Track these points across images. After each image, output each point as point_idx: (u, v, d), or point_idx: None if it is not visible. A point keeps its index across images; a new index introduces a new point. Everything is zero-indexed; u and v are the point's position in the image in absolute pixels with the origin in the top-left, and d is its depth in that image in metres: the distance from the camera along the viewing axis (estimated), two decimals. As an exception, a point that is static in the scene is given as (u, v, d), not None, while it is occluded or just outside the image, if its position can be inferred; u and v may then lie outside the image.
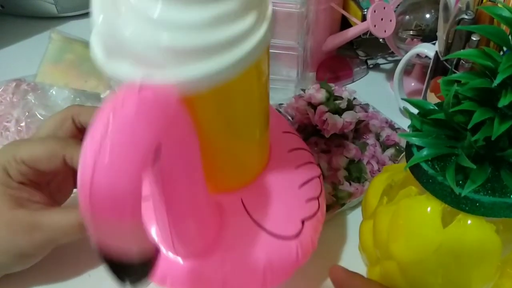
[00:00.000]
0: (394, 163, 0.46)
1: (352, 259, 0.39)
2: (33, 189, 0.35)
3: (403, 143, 0.48)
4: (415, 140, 0.28)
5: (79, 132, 0.38)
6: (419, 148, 0.27)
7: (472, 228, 0.26)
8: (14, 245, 0.33)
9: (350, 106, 0.47)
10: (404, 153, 0.31)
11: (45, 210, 0.34)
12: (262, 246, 0.30)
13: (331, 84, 0.48)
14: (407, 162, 0.28)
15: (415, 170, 0.28)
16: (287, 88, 0.59)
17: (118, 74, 0.22)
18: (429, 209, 0.27)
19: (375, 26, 0.53)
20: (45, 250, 0.35)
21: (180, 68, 0.22)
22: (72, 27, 0.71)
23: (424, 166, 0.27)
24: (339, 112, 0.45)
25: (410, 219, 0.29)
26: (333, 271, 0.35)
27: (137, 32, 0.21)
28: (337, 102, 0.45)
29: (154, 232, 0.29)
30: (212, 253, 0.29)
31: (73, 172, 0.36)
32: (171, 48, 0.21)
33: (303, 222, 0.32)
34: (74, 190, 0.41)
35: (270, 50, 0.59)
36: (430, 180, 0.27)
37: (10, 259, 0.34)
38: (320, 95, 0.46)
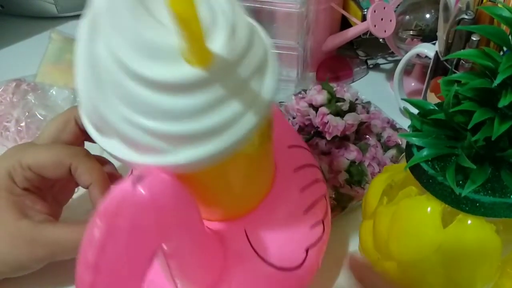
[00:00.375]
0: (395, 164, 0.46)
1: (352, 259, 0.39)
2: (36, 197, 0.35)
3: (404, 144, 0.47)
4: (415, 140, 0.28)
5: (82, 134, 0.37)
6: (419, 148, 0.27)
7: (472, 228, 0.26)
8: (14, 258, 0.33)
9: (352, 108, 0.46)
10: (404, 153, 0.31)
11: (48, 223, 0.34)
12: (264, 280, 0.30)
13: (333, 85, 0.47)
14: (407, 162, 0.28)
15: (415, 170, 0.28)
16: (287, 88, 0.59)
17: (110, 151, 0.22)
18: (429, 209, 0.27)
19: (375, 26, 0.53)
20: (43, 263, 0.35)
21: (171, 152, 0.21)
22: (72, 27, 0.71)
23: (424, 166, 0.27)
24: (341, 114, 0.45)
25: (410, 219, 0.29)
26: (352, 259, 0.35)
27: (122, 119, 0.20)
28: (339, 104, 0.45)
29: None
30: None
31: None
32: (158, 134, 0.20)
33: (307, 251, 0.31)
34: (76, 189, 0.41)
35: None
36: (430, 180, 0.27)
37: (7, 270, 0.34)
38: (321, 96, 0.45)
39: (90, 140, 0.35)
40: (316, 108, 0.46)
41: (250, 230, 0.30)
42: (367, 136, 0.48)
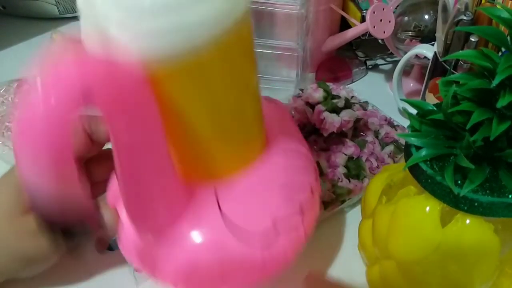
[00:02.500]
0: (393, 160, 0.47)
1: (352, 259, 0.39)
2: None
3: (402, 140, 0.48)
4: (414, 141, 0.28)
5: (92, 143, 0.37)
6: (418, 148, 0.28)
7: (470, 228, 0.26)
8: (20, 251, 0.33)
9: (348, 104, 0.47)
10: (403, 152, 0.31)
11: None
12: (222, 236, 0.29)
13: (329, 84, 0.48)
14: (406, 162, 0.28)
15: (414, 170, 0.28)
16: (287, 88, 0.59)
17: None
18: (428, 208, 0.28)
19: (374, 27, 0.53)
20: (52, 255, 0.35)
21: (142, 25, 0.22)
22: (73, 28, 0.71)
23: (423, 166, 0.27)
24: (337, 111, 0.46)
25: (409, 219, 0.29)
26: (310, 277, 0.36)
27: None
28: (335, 101, 0.46)
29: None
30: (169, 232, 0.29)
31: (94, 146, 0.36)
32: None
33: (274, 222, 0.30)
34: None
35: (270, 51, 0.60)
36: (429, 180, 0.27)
37: (16, 265, 0.34)
38: (317, 94, 0.46)
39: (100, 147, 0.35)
40: (312, 106, 0.46)
41: (220, 189, 0.30)
42: (365, 133, 0.49)
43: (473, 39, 0.42)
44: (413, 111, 0.30)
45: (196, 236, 0.29)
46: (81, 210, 0.24)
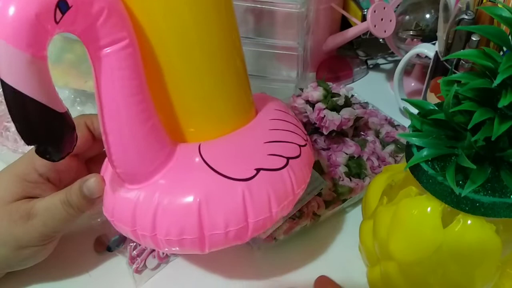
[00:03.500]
0: (395, 159, 0.46)
1: (352, 259, 0.39)
2: (51, 188, 0.36)
3: (403, 140, 0.48)
4: (415, 141, 0.28)
5: (93, 139, 0.37)
6: (419, 148, 0.28)
7: (472, 228, 0.26)
8: (12, 235, 0.33)
9: (348, 103, 0.47)
10: (404, 152, 0.30)
11: (42, 198, 0.35)
12: (203, 182, 0.29)
13: (329, 83, 0.48)
14: (407, 162, 0.28)
15: (415, 170, 0.28)
16: (287, 88, 0.59)
17: None
18: (429, 209, 0.27)
19: (375, 26, 0.53)
20: (43, 240, 0.35)
21: None
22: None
23: (424, 166, 0.27)
24: (337, 109, 0.46)
25: (410, 219, 0.29)
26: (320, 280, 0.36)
27: None
28: (335, 99, 0.46)
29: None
30: (150, 179, 0.29)
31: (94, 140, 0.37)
32: None
33: (257, 171, 0.29)
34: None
35: (270, 50, 0.59)
36: (430, 180, 0.27)
37: (10, 252, 0.34)
38: (317, 93, 0.46)
39: (101, 146, 0.35)
40: (312, 105, 0.46)
41: (204, 145, 0.31)
42: (365, 132, 0.49)
43: (474, 39, 0.41)
44: (414, 110, 0.29)
45: (174, 180, 0.29)
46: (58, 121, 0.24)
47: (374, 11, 0.53)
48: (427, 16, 0.56)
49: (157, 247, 0.30)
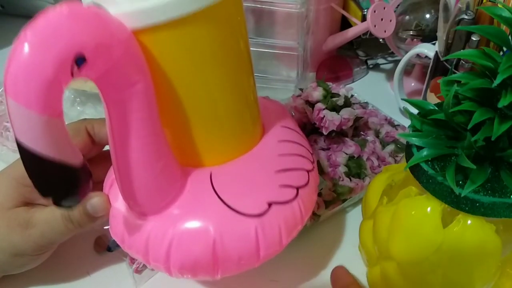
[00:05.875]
0: (395, 159, 0.46)
1: (352, 259, 0.39)
2: None
3: (403, 140, 0.48)
4: (415, 141, 0.28)
5: (92, 144, 0.37)
6: (419, 148, 0.28)
7: (472, 228, 0.26)
8: (9, 242, 0.33)
9: (348, 103, 0.47)
10: (404, 151, 0.30)
11: (42, 207, 0.35)
12: (216, 217, 0.29)
13: (329, 83, 0.48)
14: (407, 162, 0.28)
15: (415, 170, 0.28)
16: (287, 88, 0.59)
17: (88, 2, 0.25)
18: (429, 209, 0.27)
19: (375, 26, 0.53)
20: (39, 250, 0.35)
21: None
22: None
23: (424, 166, 0.27)
24: (336, 109, 0.46)
25: (410, 219, 0.29)
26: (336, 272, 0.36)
27: None
28: (334, 99, 0.46)
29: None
30: (163, 212, 0.29)
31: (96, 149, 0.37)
32: None
33: (269, 205, 0.29)
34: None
35: (270, 50, 0.59)
36: (430, 180, 0.27)
37: (5, 258, 0.34)
38: (317, 93, 0.46)
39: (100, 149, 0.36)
40: (312, 105, 0.46)
41: (215, 173, 0.30)
42: (365, 132, 0.49)
43: (474, 39, 0.41)
44: (414, 110, 0.29)
45: (189, 215, 0.29)
46: (73, 173, 0.24)
47: (374, 11, 0.53)
48: (427, 16, 0.56)
49: (169, 275, 0.30)
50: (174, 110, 0.29)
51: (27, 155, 0.21)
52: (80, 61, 0.21)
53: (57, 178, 0.23)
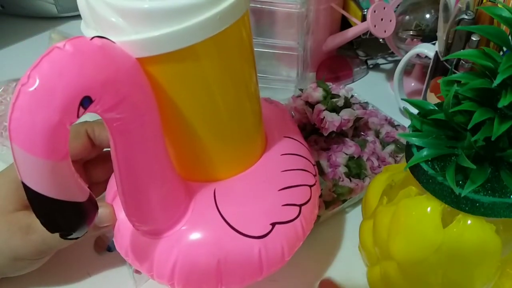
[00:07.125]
0: (395, 159, 0.46)
1: (352, 259, 0.39)
2: None
3: (403, 140, 0.48)
4: (415, 141, 0.28)
5: (92, 147, 0.37)
6: (419, 148, 0.28)
7: (472, 228, 0.26)
8: (9, 246, 0.33)
9: (348, 103, 0.47)
10: (404, 152, 0.30)
11: None
12: (221, 237, 0.29)
13: (328, 83, 0.48)
14: (407, 162, 0.28)
15: (415, 170, 0.28)
16: (287, 88, 0.59)
17: (89, 35, 0.23)
18: (429, 209, 0.27)
19: (375, 26, 0.53)
20: (39, 255, 0.35)
21: (132, 31, 0.23)
22: (72, 27, 0.71)
23: (424, 166, 0.27)
24: (336, 110, 0.46)
25: (410, 219, 0.29)
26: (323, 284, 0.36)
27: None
28: (334, 100, 0.46)
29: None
30: (168, 231, 0.29)
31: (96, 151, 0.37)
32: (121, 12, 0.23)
33: (272, 225, 0.30)
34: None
35: (270, 50, 0.59)
36: (430, 180, 0.27)
37: (5, 262, 0.34)
38: (317, 93, 0.46)
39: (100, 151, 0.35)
40: (312, 106, 0.46)
41: (219, 191, 0.30)
42: (365, 132, 0.49)
43: (474, 39, 0.41)
44: (414, 110, 0.29)
45: (194, 236, 0.29)
46: (79, 209, 0.23)
47: (374, 11, 0.53)
48: (427, 16, 0.56)
49: None
50: (179, 130, 0.28)
51: (33, 196, 0.21)
52: (86, 102, 0.21)
53: (64, 216, 0.23)
